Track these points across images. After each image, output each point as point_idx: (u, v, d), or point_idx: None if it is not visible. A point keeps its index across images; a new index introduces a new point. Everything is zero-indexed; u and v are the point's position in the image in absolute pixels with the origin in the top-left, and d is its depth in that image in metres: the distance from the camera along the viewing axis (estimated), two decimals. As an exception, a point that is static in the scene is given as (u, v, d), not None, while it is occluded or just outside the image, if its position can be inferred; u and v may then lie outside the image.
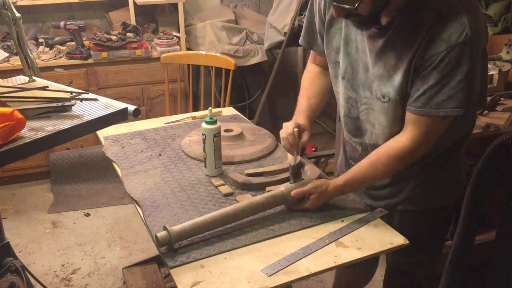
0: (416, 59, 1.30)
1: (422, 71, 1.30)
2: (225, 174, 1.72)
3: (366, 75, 1.45)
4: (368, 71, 1.44)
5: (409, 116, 1.38)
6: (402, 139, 1.40)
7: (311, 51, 1.72)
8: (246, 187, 1.63)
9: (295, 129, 1.52)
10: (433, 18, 1.26)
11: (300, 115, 1.63)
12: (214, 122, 1.67)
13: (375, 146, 1.50)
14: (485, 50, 1.36)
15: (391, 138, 1.45)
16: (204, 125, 1.68)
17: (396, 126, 1.44)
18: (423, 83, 1.30)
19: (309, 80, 1.72)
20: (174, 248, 1.32)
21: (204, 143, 1.68)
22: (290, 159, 1.52)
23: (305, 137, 1.55)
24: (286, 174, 1.66)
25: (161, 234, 1.31)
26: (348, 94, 1.54)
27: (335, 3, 1.26)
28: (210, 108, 1.71)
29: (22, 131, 1.41)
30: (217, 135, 1.67)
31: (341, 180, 1.48)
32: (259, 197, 1.47)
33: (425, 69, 1.29)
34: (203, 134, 1.68)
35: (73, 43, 3.49)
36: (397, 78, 1.35)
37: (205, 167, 1.72)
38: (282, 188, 1.49)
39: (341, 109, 1.60)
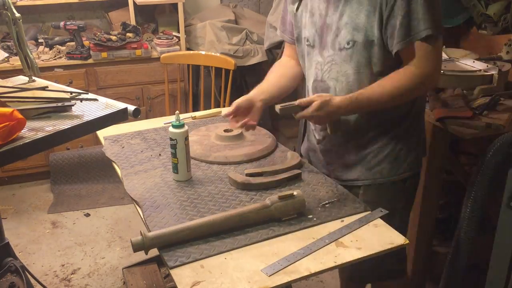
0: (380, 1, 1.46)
1: (388, 9, 1.46)
2: (224, 174, 1.72)
3: (329, 34, 1.59)
4: (331, 30, 1.58)
5: (402, 54, 1.51)
6: (408, 67, 1.51)
7: (285, 45, 1.88)
8: (246, 187, 1.63)
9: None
10: None
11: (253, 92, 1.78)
12: (182, 126, 1.65)
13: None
14: None
15: (358, 88, 1.56)
16: (172, 129, 1.64)
17: (361, 72, 1.56)
18: (394, 19, 1.46)
19: (275, 66, 1.89)
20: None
21: (174, 148, 1.64)
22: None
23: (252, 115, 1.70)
24: (286, 174, 1.66)
25: (136, 239, 1.31)
26: (317, 60, 1.66)
27: None
28: (177, 112, 1.67)
29: (22, 131, 1.42)
30: (187, 138, 1.65)
31: (346, 96, 1.54)
32: (247, 209, 1.43)
33: (390, 7, 1.45)
34: (172, 139, 1.64)
35: (73, 43, 3.50)
36: (362, 20, 1.50)
37: (176, 173, 1.68)
38: (267, 201, 1.46)
39: (310, 78, 1.71)
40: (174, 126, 1.64)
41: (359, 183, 1.72)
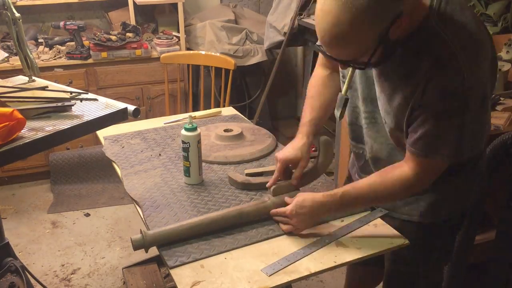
0: (412, 100, 1.24)
1: (418, 114, 1.24)
2: (224, 174, 1.72)
3: (370, 89, 1.41)
4: (368, 87, 1.41)
5: (408, 153, 1.32)
6: (405, 169, 1.31)
7: (319, 55, 1.62)
8: (246, 187, 1.62)
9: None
10: (430, 63, 1.19)
11: (301, 132, 1.56)
12: (195, 129, 1.62)
13: (375, 158, 1.48)
14: (486, 96, 1.27)
15: (391, 152, 1.42)
16: (185, 132, 1.61)
17: (396, 143, 1.40)
18: (420, 127, 1.25)
19: (316, 87, 1.61)
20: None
21: (187, 151, 1.61)
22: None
23: (297, 172, 1.50)
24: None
25: (136, 237, 1.32)
26: (354, 101, 1.48)
27: (350, 64, 1.24)
28: (190, 114, 1.66)
29: (22, 131, 1.41)
30: (199, 141, 1.64)
31: (329, 192, 1.37)
32: (246, 206, 1.44)
33: (421, 113, 1.24)
34: (185, 143, 1.61)
35: (73, 43, 3.49)
36: (393, 107, 1.30)
37: (188, 176, 1.65)
38: (266, 199, 1.47)
39: (347, 117, 1.55)
40: (186, 129, 1.62)
41: (405, 218, 1.53)
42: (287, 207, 1.39)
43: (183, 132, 1.63)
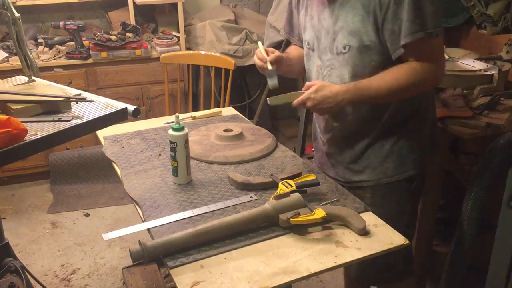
0: (374, 6, 1.47)
1: (383, 13, 1.47)
2: (224, 174, 1.72)
3: (327, 38, 1.61)
4: (328, 34, 1.60)
5: (404, 53, 1.50)
6: (410, 62, 1.51)
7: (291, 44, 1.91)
8: (246, 187, 1.62)
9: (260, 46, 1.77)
10: None
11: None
12: (182, 129, 1.64)
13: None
14: None
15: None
16: (172, 132, 1.63)
17: (358, 76, 1.56)
18: (395, 20, 1.46)
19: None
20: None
21: (174, 151, 1.63)
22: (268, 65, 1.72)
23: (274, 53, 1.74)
24: (286, 174, 1.66)
25: (134, 249, 1.30)
26: (317, 63, 1.69)
27: None
28: (176, 114, 1.66)
29: (22, 131, 1.41)
30: (187, 140, 1.64)
31: (345, 84, 1.56)
32: (246, 213, 1.41)
33: (388, 9, 1.45)
34: (172, 142, 1.62)
35: (73, 43, 3.49)
36: (356, 24, 1.51)
37: (176, 176, 1.66)
38: (267, 205, 1.43)
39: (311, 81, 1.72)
40: (174, 129, 1.63)
41: (364, 184, 1.73)
42: (305, 93, 1.58)
43: (170, 132, 1.64)
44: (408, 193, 1.74)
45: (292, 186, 1.50)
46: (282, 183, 1.53)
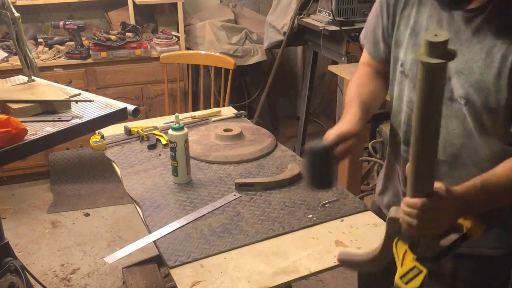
0: None
1: None
2: (224, 174, 1.72)
3: None
4: None
5: None
6: None
7: (363, 54, 1.42)
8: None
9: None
10: None
11: (352, 110, 1.27)
12: (182, 128, 1.64)
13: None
14: None
15: (465, 153, 1.14)
16: (172, 132, 1.63)
17: (474, 137, 1.12)
18: None
19: (359, 78, 1.38)
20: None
21: (174, 151, 1.63)
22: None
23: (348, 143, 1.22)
24: (286, 175, 1.66)
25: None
26: (409, 96, 1.23)
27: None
28: (176, 114, 1.66)
29: (22, 131, 1.41)
30: (187, 140, 1.64)
31: (468, 184, 1.04)
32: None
33: None
34: (172, 142, 1.63)
35: (72, 42, 3.49)
36: (490, 74, 1.06)
37: (176, 175, 1.66)
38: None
39: (399, 114, 1.29)
40: (173, 129, 1.63)
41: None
42: (415, 200, 0.98)
43: (170, 131, 1.64)
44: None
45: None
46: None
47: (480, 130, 1.11)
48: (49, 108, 1.60)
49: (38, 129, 1.46)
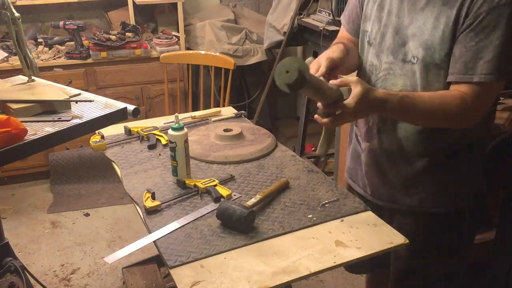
0: (458, 18, 1.27)
1: (461, 32, 1.27)
2: (224, 174, 1.72)
3: (394, 39, 1.40)
4: (398, 34, 1.39)
5: (452, 85, 1.32)
6: (462, 95, 1.29)
7: (341, 31, 1.65)
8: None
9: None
10: None
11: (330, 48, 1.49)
12: (182, 128, 1.63)
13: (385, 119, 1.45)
14: None
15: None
16: (172, 132, 1.63)
17: (418, 91, 1.36)
18: (460, 47, 1.27)
19: (335, 44, 1.54)
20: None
21: (174, 151, 1.63)
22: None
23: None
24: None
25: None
26: (371, 61, 1.48)
27: None
28: (176, 114, 1.66)
29: (22, 131, 1.41)
30: (186, 140, 1.64)
31: (390, 91, 1.33)
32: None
33: (464, 30, 1.26)
34: (171, 142, 1.62)
35: (72, 42, 3.49)
36: (436, 35, 1.30)
37: (176, 175, 1.66)
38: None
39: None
40: (173, 129, 1.63)
41: (393, 206, 1.56)
42: (348, 101, 1.24)
43: (170, 131, 1.64)
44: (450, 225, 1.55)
45: None
46: None
47: (424, 85, 1.36)
48: (49, 108, 1.60)
49: (38, 129, 1.46)
